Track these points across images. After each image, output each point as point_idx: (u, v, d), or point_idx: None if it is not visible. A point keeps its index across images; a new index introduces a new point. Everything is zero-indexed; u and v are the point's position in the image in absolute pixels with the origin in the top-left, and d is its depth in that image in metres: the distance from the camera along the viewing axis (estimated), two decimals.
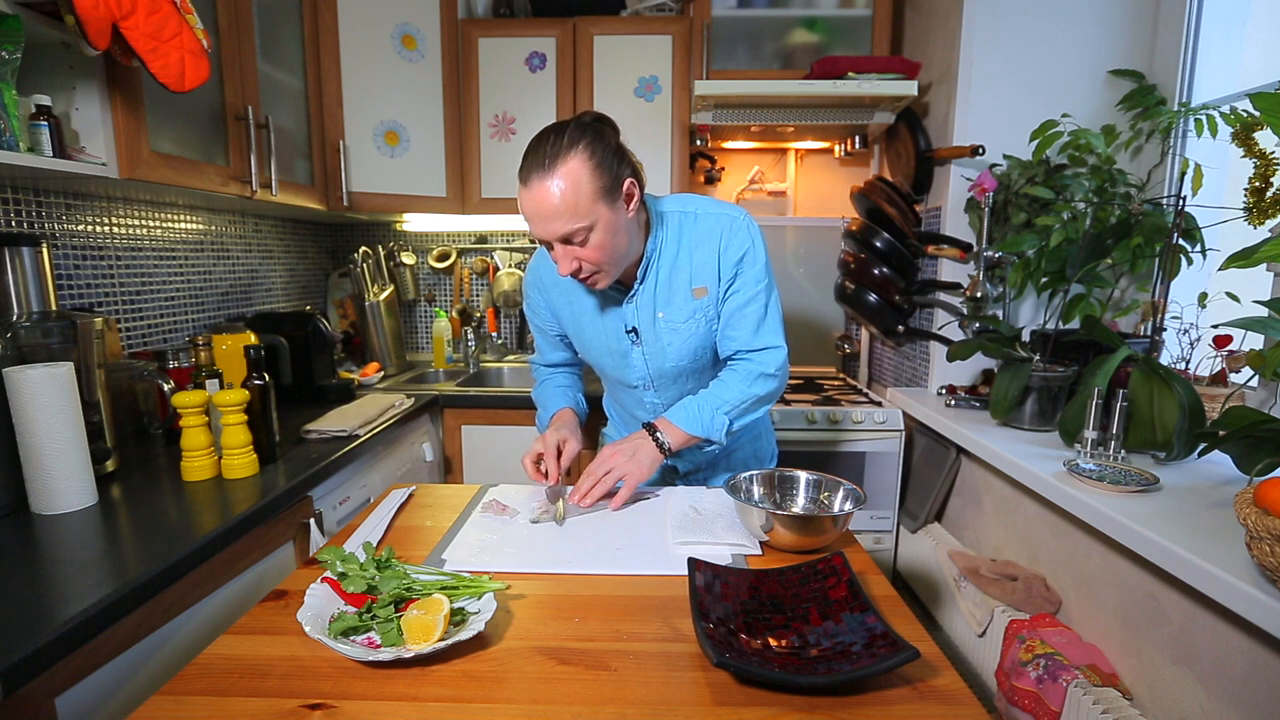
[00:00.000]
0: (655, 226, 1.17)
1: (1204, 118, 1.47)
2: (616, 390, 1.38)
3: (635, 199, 1.09)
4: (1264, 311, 1.15)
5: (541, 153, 1.02)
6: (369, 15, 2.08)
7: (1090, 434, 1.37)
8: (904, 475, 2.08)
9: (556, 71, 2.26)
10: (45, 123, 1.16)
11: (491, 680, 0.70)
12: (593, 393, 1.55)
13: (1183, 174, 1.66)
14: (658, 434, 1.18)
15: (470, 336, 2.53)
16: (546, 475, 1.20)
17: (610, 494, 1.16)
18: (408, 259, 2.63)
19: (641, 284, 1.19)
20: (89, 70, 1.24)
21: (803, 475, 1.11)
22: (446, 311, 2.66)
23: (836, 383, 2.43)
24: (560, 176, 1.01)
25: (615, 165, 1.05)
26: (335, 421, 1.59)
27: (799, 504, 1.10)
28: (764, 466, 1.41)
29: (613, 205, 1.05)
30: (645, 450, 1.17)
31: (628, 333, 1.23)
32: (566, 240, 1.05)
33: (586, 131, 1.04)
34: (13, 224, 1.33)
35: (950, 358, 1.73)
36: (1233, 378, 1.38)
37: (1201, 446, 1.26)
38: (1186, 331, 1.46)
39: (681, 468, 1.38)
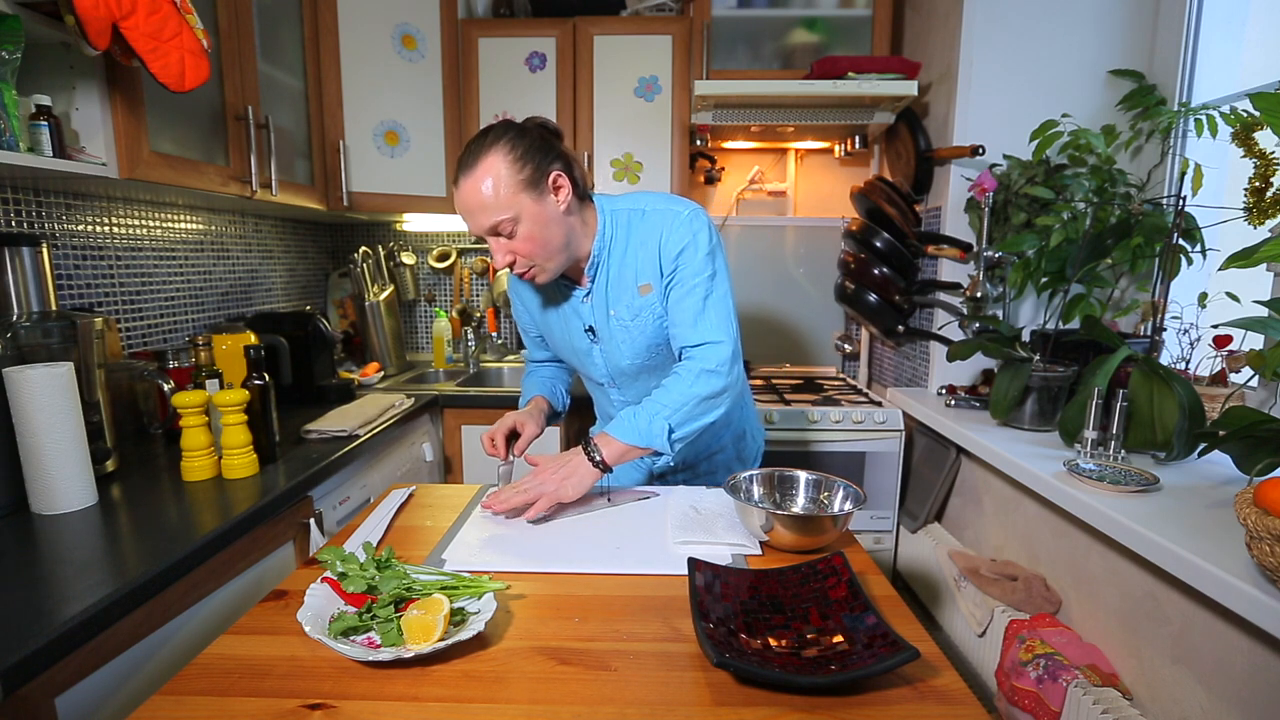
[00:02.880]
0: (604, 225, 1.18)
1: (1204, 118, 1.47)
2: (591, 388, 1.42)
3: (565, 190, 1.10)
4: (1264, 311, 1.15)
5: (467, 153, 1.08)
6: (369, 15, 2.08)
7: (1090, 434, 1.37)
8: (904, 475, 2.08)
9: (556, 71, 2.26)
10: (45, 123, 1.16)
11: (491, 680, 0.70)
12: (585, 393, 1.55)
13: (1183, 174, 1.66)
14: (591, 449, 1.12)
15: (470, 336, 2.53)
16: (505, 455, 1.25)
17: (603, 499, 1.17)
18: (408, 259, 2.63)
19: (594, 283, 1.20)
20: (89, 70, 1.24)
21: (803, 475, 1.11)
22: (446, 311, 2.66)
23: (836, 383, 2.43)
24: (481, 171, 1.05)
25: (539, 158, 1.08)
26: (335, 421, 1.59)
27: (799, 504, 1.10)
28: (748, 467, 1.38)
29: (538, 197, 1.08)
30: (581, 472, 1.11)
31: (586, 331, 1.25)
32: (495, 233, 1.09)
33: (510, 129, 1.09)
34: (13, 224, 1.33)
35: (950, 358, 1.73)
36: (1233, 378, 1.38)
37: (1201, 446, 1.26)
38: (1186, 331, 1.46)
39: (655, 469, 1.38)
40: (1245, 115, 1.31)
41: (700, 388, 1.11)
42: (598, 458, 1.11)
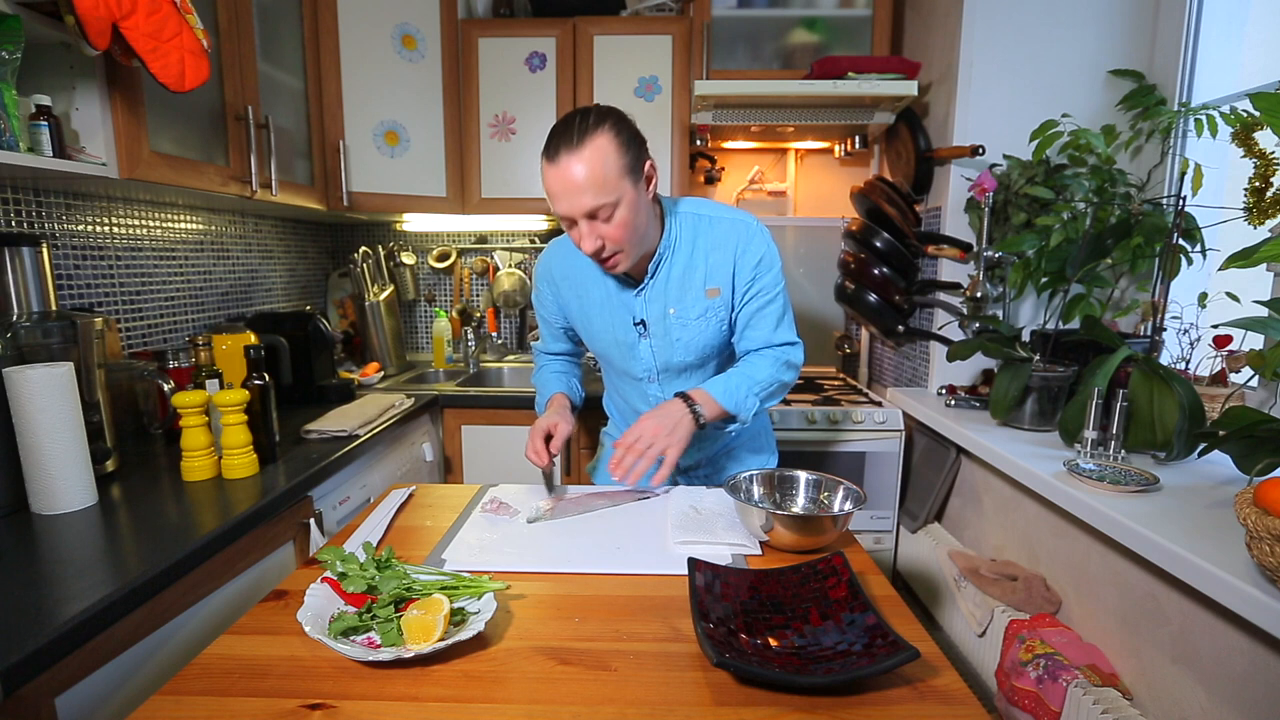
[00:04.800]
0: (669, 223, 1.20)
1: (1204, 118, 1.47)
2: (621, 383, 1.39)
3: (653, 182, 1.13)
4: (1264, 311, 1.15)
5: (570, 130, 1.05)
6: (369, 15, 2.07)
7: (1090, 434, 1.37)
8: (904, 475, 2.08)
9: (556, 71, 2.26)
10: (45, 123, 1.16)
11: (491, 680, 0.70)
12: (593, 393, 1.55)
13: (1183, 174, 1.66)
14: (695, 405, 1.16)
15: (470, 336, 2.53)
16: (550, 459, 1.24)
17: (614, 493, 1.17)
18: (408, 259, 2.63)
19: (652, 278, 1.21)
20: (89, 70, 1.24)
21: (803, 475, 1.11)
22: (446, 311, 2.66)
23: (836, 383, 2.43)
24: (589, 151, 1.03)
25: (637, 145, 1.09)
26: (335, 421, 1.59)
27: (799, 504, 1.10)
28: (765, 465, 1.41)
29: (635, 184, 1.08)
30: (685, 424, 1.15)
31: (636, 325, 1.25)
32: (592, 216, 1.07)
33: (610, 112, 1.08)
34: (13, 224, 1.33)
35: (950, 358, 1.73)
36: (1233, 378, 1.38)
37: (1201, 446, 1.26)
38: (1186, 331, 1.46)
39: (683, 462, 1.38)
40: (1245, 115, 1.31)
41: (784, 375, 1.24)
42: (700, 413, 1.16)
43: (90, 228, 1.52)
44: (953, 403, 1.87)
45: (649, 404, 1.33)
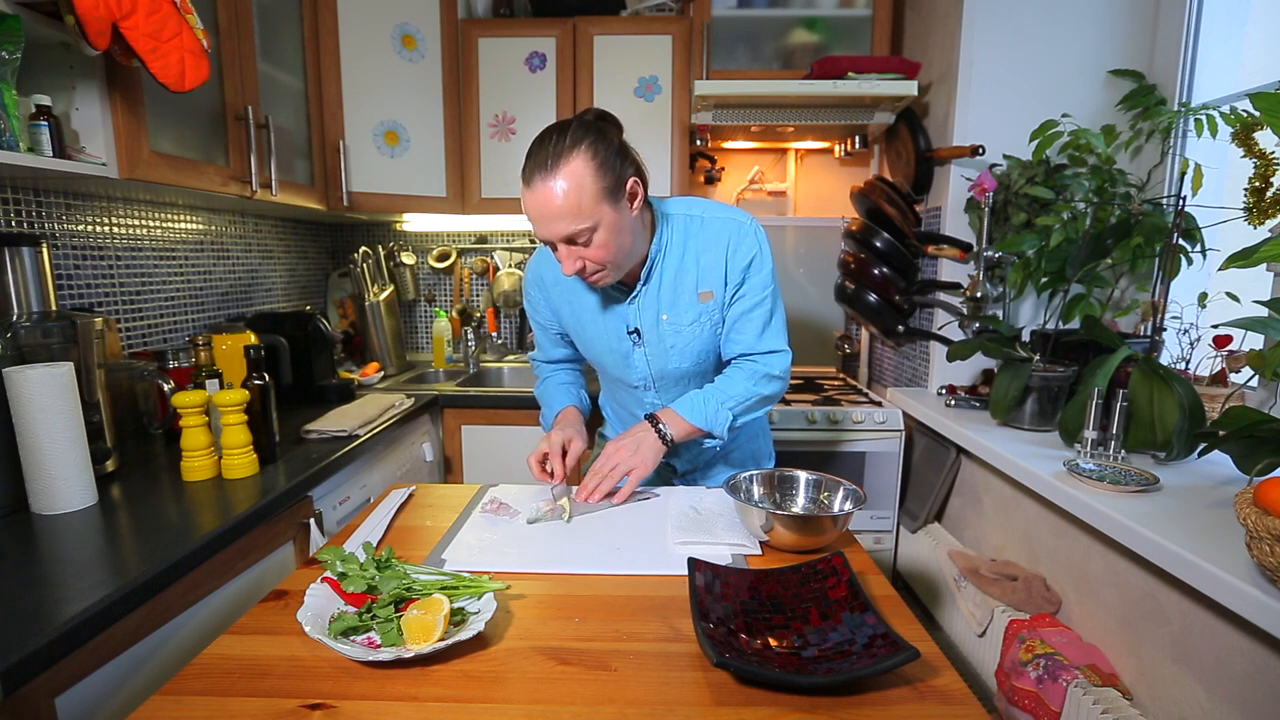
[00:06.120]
0: (660, 227, 1.17)
1: (1204, 118, 1.47)
2: (616, 389, 1.38)
3: (639, 198, 1.09)
4: (1264, 311, 1.15)
5: (544, 153, 1.02)
6: (369, 15, 2.08)
7: (1090, 434, 1.37)
8: (904, 475, 2.08)
9: (556, 71, 2.26)
10: (45, 123, 1.16)
11: (491, 680, 0.70)
12: (592, 392, 1.55)
13: (1183, 174, 1.66)
14: (660, 425, 1.18)
15: (470, 336, 2.53)
16: (552, 475, 1.20)
17: (613, 492, 1.17)
18: (408, 259, 2.63)
19: (645, 285, 1.19)
20: (89, 70, 1.24)
21: (803, 475, 1.11)
22: (446, 311, 2.66)
23: (836, 383, 2.43)
24: (563, 177, 1.00)
25: (618, 164, 1.05)
26: (335, 421, 1.59)
27: (799, 504, 1.10)
28: (761, 466, 1.41)
29: (616, 205, 1.05)
30: (648, 443, 1.17)
31: (629, 334, 1.23)
32: (570, 241, 1.05)
33: (589, 131, 1.03)
34: (13, 224, 1.33)
35: (950, 358, 1.73)
36: (1233, 378, 1.38)
37: (1201, 446, 1.26)
38: (1186, 331, 1.46)
39: (679, 466, 1.38)
40: (1245, 115, 1.31)
41: (763, 389, 1.21)
42: (667, 433, 1.17)
43: (90, 228, 1.52)
44: (953, 403, 1.87)
45: (646, 409, 1.32)
